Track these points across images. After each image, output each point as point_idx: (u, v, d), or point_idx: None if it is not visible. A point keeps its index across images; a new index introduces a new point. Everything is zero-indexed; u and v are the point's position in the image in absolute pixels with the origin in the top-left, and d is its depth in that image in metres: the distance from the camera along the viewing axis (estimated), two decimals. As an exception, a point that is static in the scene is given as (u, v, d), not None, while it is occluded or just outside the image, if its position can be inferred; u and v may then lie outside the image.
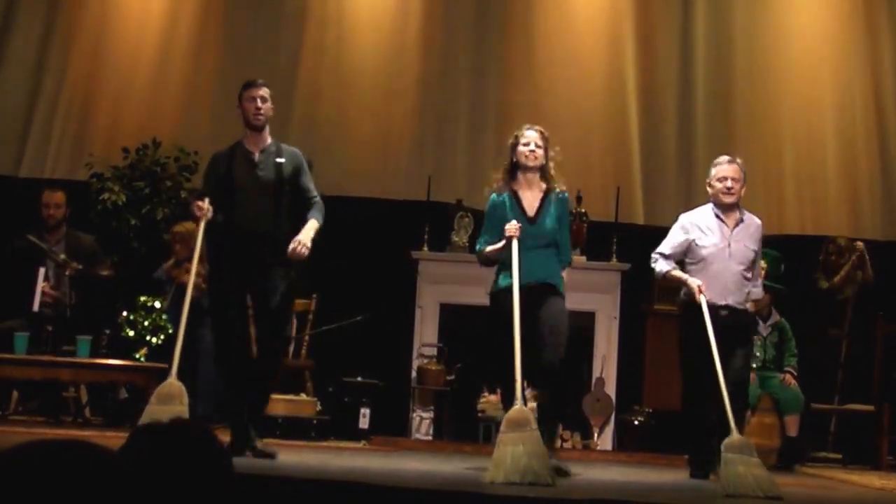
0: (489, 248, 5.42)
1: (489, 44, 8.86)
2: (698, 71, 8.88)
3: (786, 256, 7.50)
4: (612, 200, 8.31)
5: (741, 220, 5.75)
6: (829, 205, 8.77)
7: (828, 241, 8.16)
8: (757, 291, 5.88)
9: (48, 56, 8.69)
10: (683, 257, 5.78)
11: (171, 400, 4.97)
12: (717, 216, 5.74)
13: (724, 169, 5.74)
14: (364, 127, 8.75)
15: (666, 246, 5.81)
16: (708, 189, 5.82)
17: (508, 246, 5.24)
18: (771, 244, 7.82)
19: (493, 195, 5.52)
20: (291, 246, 5.22)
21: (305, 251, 5.24)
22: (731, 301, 5.65)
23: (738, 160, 5.80)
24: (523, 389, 4.94)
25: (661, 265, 5.77)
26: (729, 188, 5.68)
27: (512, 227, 5.23)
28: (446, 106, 8.77)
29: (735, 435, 5.03)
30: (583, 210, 8.16)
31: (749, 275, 5.75)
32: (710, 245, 5.68)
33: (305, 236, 5.28)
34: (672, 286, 6.24)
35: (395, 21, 8.92)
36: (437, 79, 8.82)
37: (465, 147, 8.67)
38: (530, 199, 5.47)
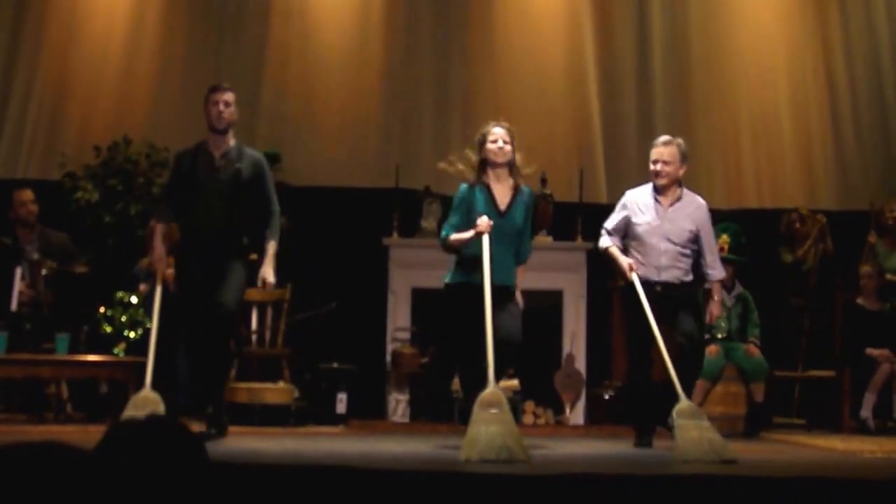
0: (455, 237, 5.49)
1: (451, 33, 8.94)
2: (656, 53, 9.02)
3: (746, 229, 7.68)
4: (576, 182, 8.43)
5: (678, 199, 5.84)
6: (786, 178, 8.95)
7: (789, 212, 8.33)
8: (714, 273, 5.92)
9: (17, 59, 8.70)
10: (625, 233, 5.89)
11: (146, 406, 5.10)
12: (654, 195, 5.85)
13: (656, 151, 5.84)
14: (331, 118, 8.83)
15: (611, 222, 5.91)
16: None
17: (478, 241, 5.33)
18: (731, 218, 8.00)
19: (464, 186, 5.62)
20: (259, 285, 5.57)
21: (271, 287, 5.59)
22: (665, 277, 5.76)
23: (678, 141, 5.86)
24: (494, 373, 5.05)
25: (603, 241, 5.89)
26: (658, 171, 5.79)
27: (483, 223, 5.31)
28: (411, 95, 8.86)
29: (684, 401, 5.15)
30: (548, 192, 8.29)
31: (687, 252, 5.81)
32: (643, 223, 5.79)
33: (267, 272, 5.55)
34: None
35: (359, 12, 8.98)
36: (401, 69, 8.90)
37: (431, 135, 8.76)
38: (501, 194, 5.57)
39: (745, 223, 7.79)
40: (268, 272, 5.52)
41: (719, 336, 7.42)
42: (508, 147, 5.57)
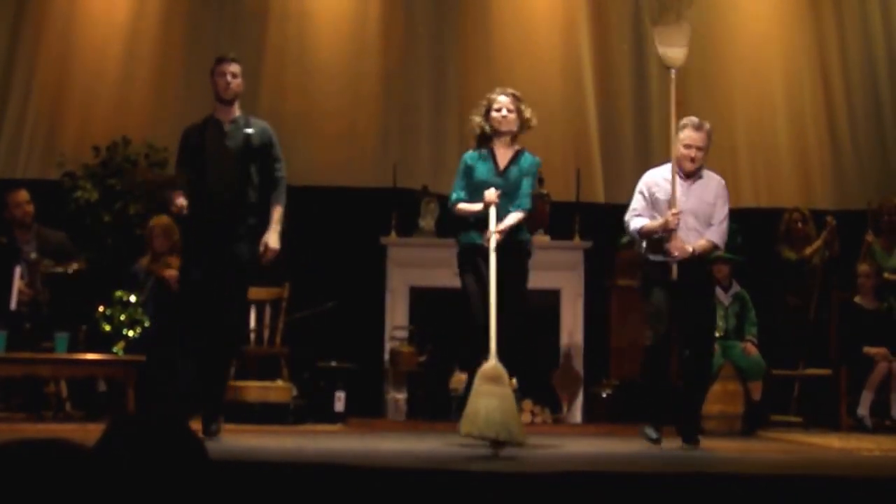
0: (463, 206, 5.66)
1: (448, 32, 8.95)
2: (652, 53, 9.01)
3: (743, 228, 7.69)
4: (573, 181, 8.44)
5: (699, 178, 5.77)
6: (782, 177, 8.97)
7: (791, 210, 8.32)
8: (712, 237, 5.74)
9: (16, 59, 8.70)
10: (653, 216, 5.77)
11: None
12: (677, 173, 5.72)
13: (691, 136, 5.72)
14: (329, 118, 8.84)
15: (635, 209, 5.79)
16: (673, 148, 5.79)
17: (486, 211, 5.49)
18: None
19: (469, 151, 5.82)
20: (261, 250, 5.49)
21: (275, 255, 5.52)
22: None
23: (707, 125, 5.78)
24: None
25: (636, 222, 5.73)
26: (693, 158, 5.70)
27: (491, 194, 5.47)
28: (409, 95, 8.87)
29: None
30: (545, 191, 8.31)
31: (704, 229, 5.73)
32: (669, 199, 5.67)
33: (272, 238, 5.53)
34: (635, 260, 6.33)
35: (356, 15, 8.99)
36: (398, 69, 8.91)
37: (429, 134, 8.78)
38: (503, 156, 5.77)
39: (742, 222, 7.80)
40: (272, 238, 5.54)
41: (717, 335, 7.43)
42: (512, 116, 5.76)
